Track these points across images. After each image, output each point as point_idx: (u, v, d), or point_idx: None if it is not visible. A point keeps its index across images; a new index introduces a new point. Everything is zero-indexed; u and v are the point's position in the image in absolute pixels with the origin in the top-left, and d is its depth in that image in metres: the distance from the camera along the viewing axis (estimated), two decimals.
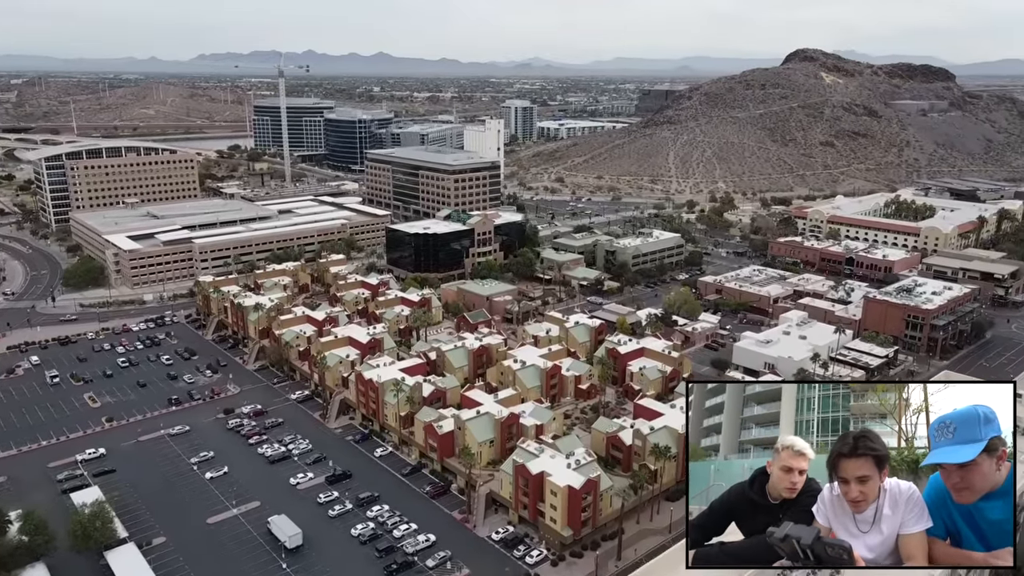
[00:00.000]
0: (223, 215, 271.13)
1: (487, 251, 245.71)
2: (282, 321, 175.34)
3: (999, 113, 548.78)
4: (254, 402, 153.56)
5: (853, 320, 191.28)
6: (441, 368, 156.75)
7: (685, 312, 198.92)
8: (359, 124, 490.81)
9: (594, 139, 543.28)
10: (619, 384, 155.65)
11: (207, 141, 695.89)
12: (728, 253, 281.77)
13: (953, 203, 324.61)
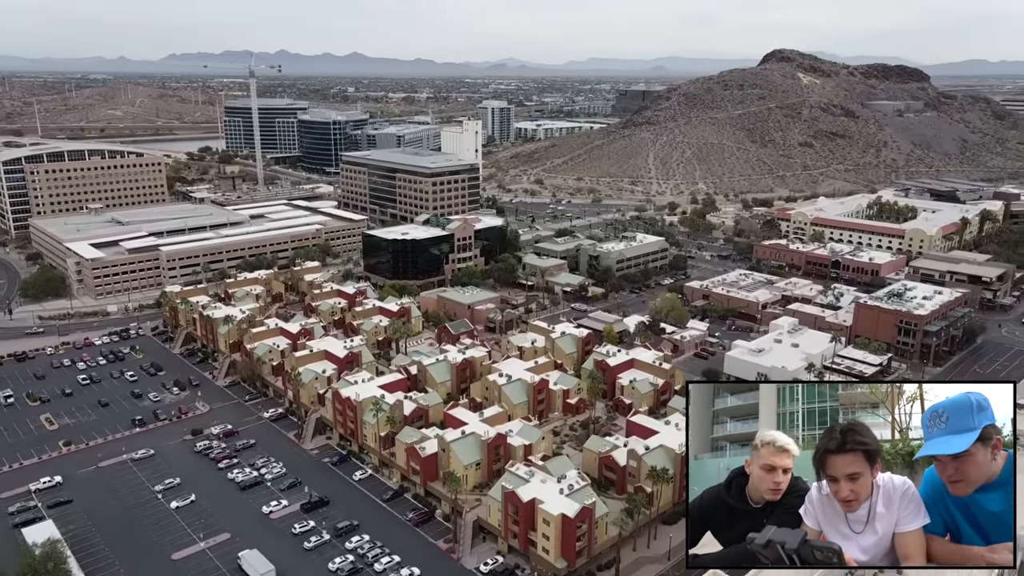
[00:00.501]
0: (192, 221, 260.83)
1: (467, 257, 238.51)
2: (254, 334, 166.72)
3: (973, 113, 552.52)
4: (224, 422, 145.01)
5: (844, 326, 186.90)
6: (423, 383, 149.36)
7: (673, 319, 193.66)
8: (333, 125, 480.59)
9: (572, 140, 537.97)
10: (609, 398, 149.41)
11: (177, 143, 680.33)
12: (712, 256, 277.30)
13: (934, 204, 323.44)
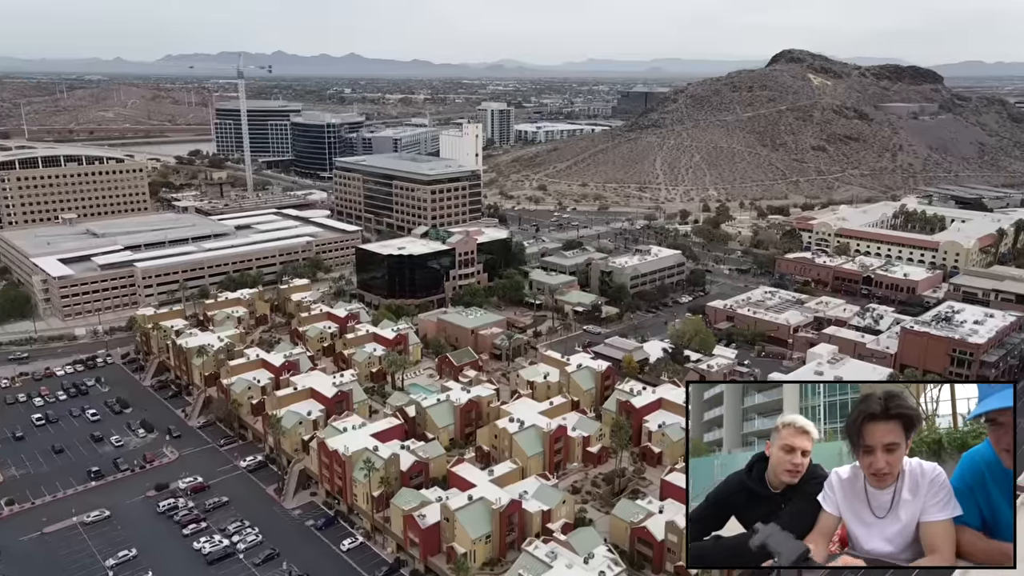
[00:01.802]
0: (172, 232, 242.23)
1: (470, 273, 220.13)
2: (232, 367, 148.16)
3: (989, 116, 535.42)
4: (194, 472, 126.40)
5: (888, 354, 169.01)
6: (422, 427, 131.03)
7: (696, 345, 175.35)
8: (327, 128, 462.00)
9: (575, 143, 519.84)
10: (634, 443, 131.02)
11: (168, 145, 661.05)
12: (731, 271, 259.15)
13: (960, 212, 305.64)
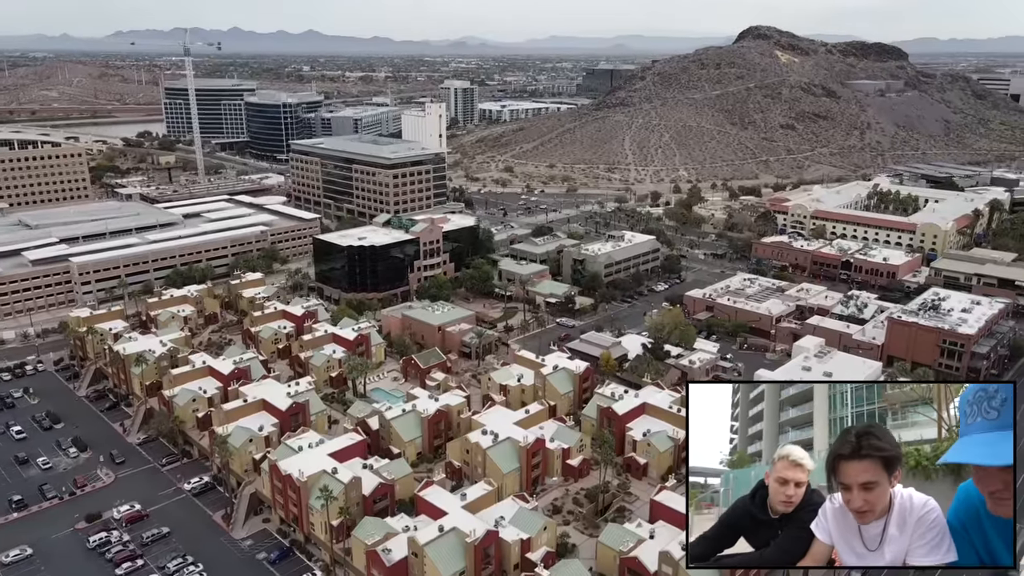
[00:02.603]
0: (114, 223, 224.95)
1: (435, 263, 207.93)
2: (175, 376, 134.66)
3: (953, 93, 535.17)
4: (132, 498, 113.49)
5: (874, 345, 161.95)
6: (386, 441, 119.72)
7: (676, 338, 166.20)
8: (283, 108, 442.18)
9: (541, 123, 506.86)
10: (617, 452, 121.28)
11: (116, 126, 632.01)
12: (706, 255, 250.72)
13: (934, 192, 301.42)
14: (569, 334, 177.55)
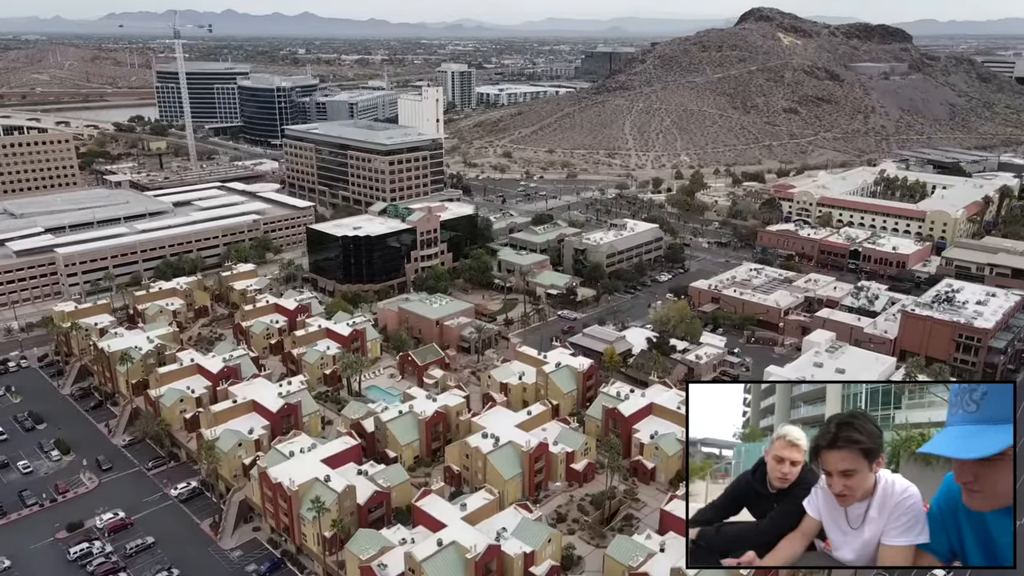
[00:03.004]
0: (102, 211, 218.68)
1: (433, 253, 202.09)
2: (161, 375, 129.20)
3: (958, 76, 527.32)
4: (116, 505, 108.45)
5: (886, 339, 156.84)
6: (382, 444, 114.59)
7: (682, 331, 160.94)
8: (278, 93, 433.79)
9: (540, 107, 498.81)
10: (623, 455, 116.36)
11: (108, 111, 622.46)
12: (709, 244, 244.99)
13: (942, 178, 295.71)
14: (572, 327, 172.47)
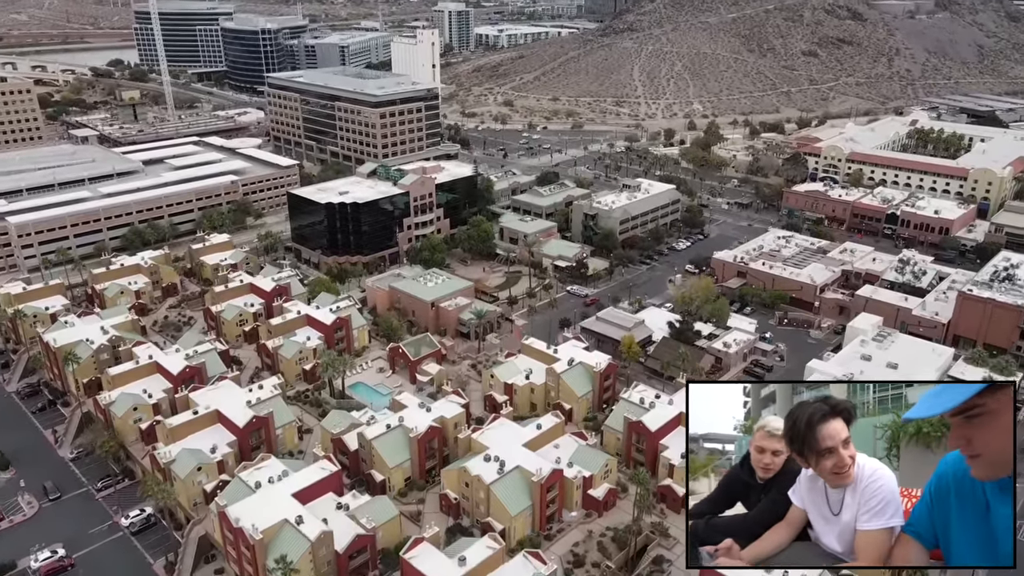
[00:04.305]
0: (64, 172, 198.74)
1: (428, 220, 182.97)
2: (113, 377, 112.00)
3: (986, 15, 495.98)
4: (56, 538, 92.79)
5: (938, 323, 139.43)
6: (368, 465, 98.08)
7: (707, 313, 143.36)
8: (263, 35, 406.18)
9: (543, 50, 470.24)
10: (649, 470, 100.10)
11: (88, 53, 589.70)
12: (729, 205, 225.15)
13: (978, 130, 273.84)
14: (595, 300, 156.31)
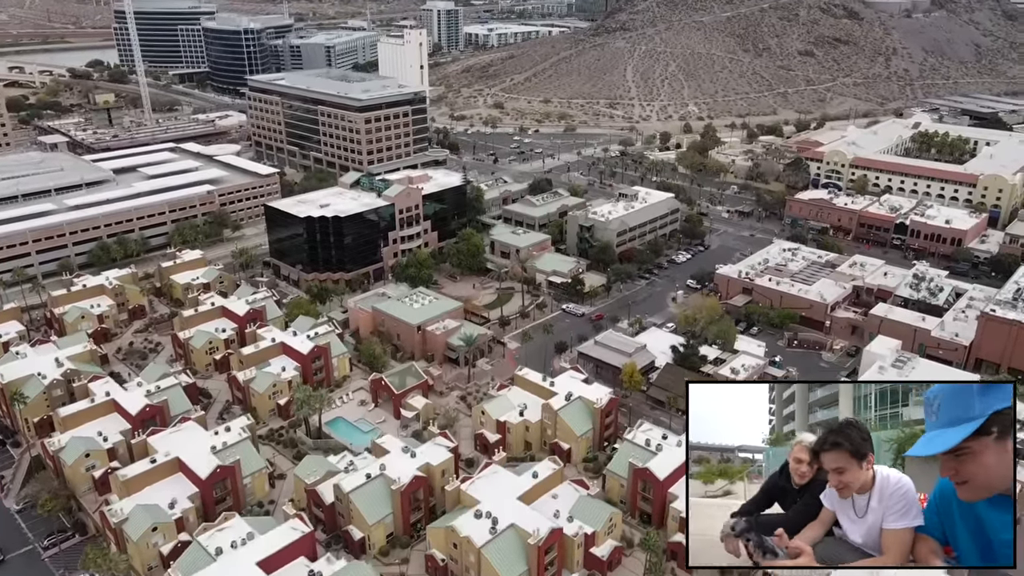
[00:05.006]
0: (29, 182, 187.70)
1: (414, 234, 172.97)
2: (65, 418, 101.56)
3: (982, 13, 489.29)
4: None
5: (958, 345, 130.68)
6: (345, 520, 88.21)
7: (712, 335, 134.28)
8: (246, 35, 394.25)
9: (533, 50, 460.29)
10: (656, 524, 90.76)
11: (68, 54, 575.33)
12: (730, 213, 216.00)
13: (984, 132, 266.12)
14: (601, 315, 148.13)
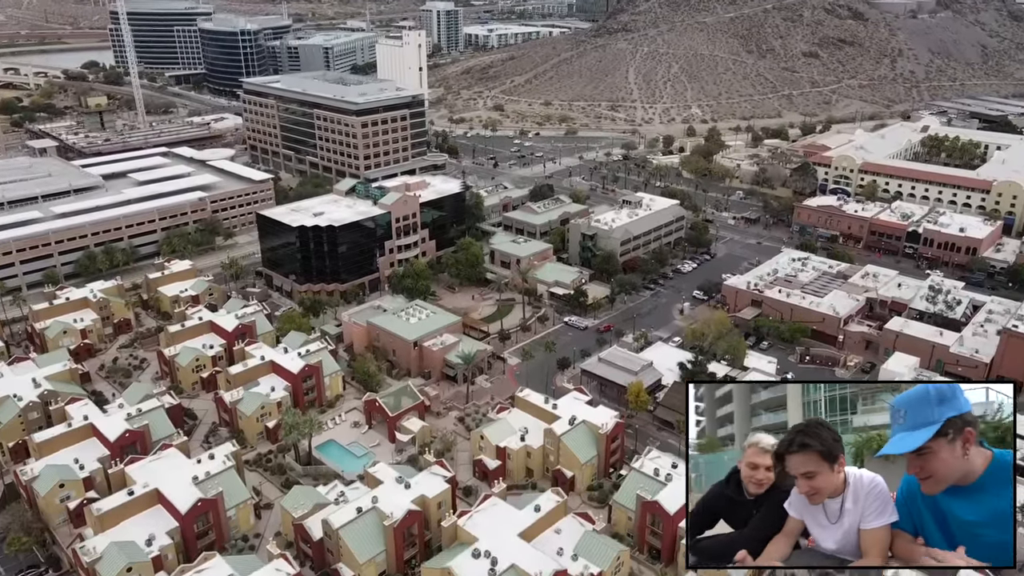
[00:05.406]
0: (14, 189, 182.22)
1: (411, 243, 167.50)
2: (39, 444, 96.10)
3: (988, 14, 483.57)
4: None
5: (978, 362, 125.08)
6: (335, 556, 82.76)
7: (721, 350, 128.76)
8: (242, 36, 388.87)
9: (534, 51, 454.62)
10: (665, 561, 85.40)
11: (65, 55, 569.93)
12: (736, 220, 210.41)
13: (994, 136, 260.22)
14: (610, 326, 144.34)
